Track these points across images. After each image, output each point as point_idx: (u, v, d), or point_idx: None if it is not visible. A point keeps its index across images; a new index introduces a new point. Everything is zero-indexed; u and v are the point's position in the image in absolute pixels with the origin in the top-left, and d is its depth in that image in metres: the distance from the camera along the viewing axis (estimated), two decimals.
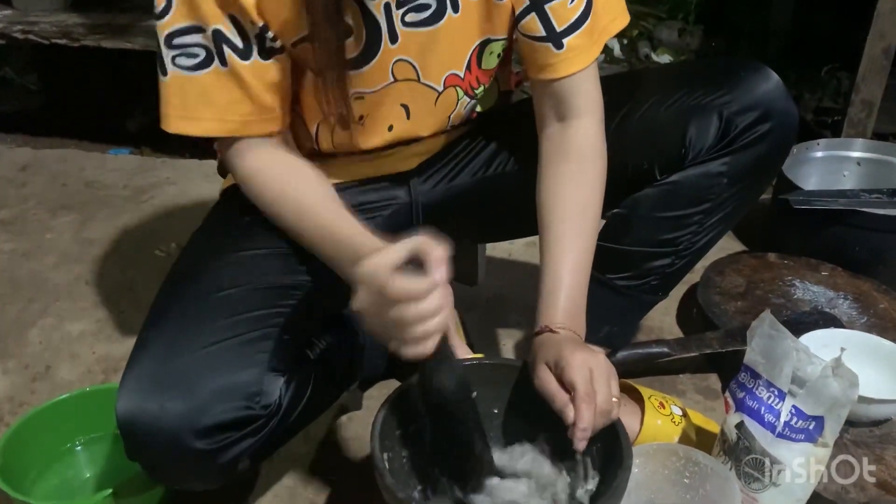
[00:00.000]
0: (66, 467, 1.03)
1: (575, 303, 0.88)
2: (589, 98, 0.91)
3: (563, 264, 0.88)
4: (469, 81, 0.96)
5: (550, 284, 0.88)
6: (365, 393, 1.17)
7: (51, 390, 1.20)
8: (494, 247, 1.53)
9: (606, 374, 0.79)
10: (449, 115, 0.97)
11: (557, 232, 0.90)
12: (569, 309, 0.87)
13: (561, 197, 0.91)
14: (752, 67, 0.95)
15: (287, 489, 1.02)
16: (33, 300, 1.44)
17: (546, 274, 0.89)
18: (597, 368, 0.78)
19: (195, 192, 1.84)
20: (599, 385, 0.77)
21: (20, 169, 1.98)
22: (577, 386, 0.76)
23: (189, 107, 0.84)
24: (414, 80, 0.91)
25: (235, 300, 0.84)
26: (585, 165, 0.91)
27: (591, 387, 0.76)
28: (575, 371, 0.77)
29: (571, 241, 0.89)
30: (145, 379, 0.78)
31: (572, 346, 0.81)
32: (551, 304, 0.87)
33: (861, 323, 1.24)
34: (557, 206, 0.91)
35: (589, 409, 0.76)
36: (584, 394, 0.76)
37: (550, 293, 0.88)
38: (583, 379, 0.76)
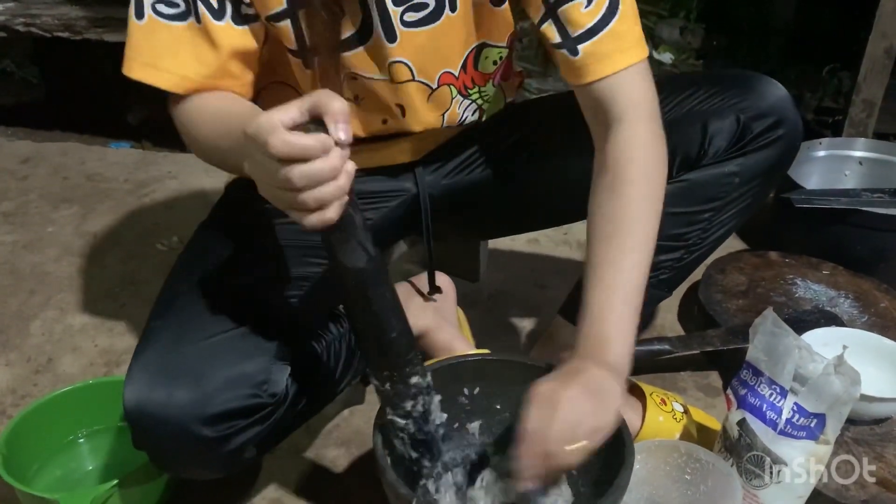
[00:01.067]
0: (69, 459, 1.03)
1: (605, 327, 0.79)
2: (627, 103, 0.86)
3: (592, 287, 0.81)
4: (463, 81, 0.96)
5: (581, 312, 0.81)
6: (367, 388, 1.17)
7: (53, 383, 1.20)
8: (496, 243, 1.53)
9: (568, 416, 0.71)
10: (443, 113, 0.97)
11: (591, 253, 0.83)
12: (594, 335, 0.79)
13: (597, 213, 0.85)
14: (762, 78, 1.00)
15: (290, 482, 1.02)
16: (35, 292, 1.44)
17: (581, 297, 0.82)
18: (562, 406, 0.71)
19: (196, 185, 1.84)
20: (553, 427, 0.71)
21: (21, 161, 1.98)
22: (523, 421, 0.72)
23: (157, 55, 0.82)
24: (409, 79, 0.92)
25: (241, 290, 0.85)
26: (621, 178, 0.84)
27: (537, 424, 0.71)
28: (529, 404, 0.73)
29: (603, 262, 0.82)
30: (153, 368, 0.78)
31: (555, 375, 0.76)
32: (578, 330, 0.80)
33: (862, 322, 1.24)
34: (593, 224, 0.85)
35: (527, 449, 0.72)
36: (525, 431, 0.72)
37: (579, 321, 0.81)
38: (532, 414, 0.72)
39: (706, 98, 0.98)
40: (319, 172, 0.60)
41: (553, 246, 1.59)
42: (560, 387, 0.74)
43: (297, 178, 0.60)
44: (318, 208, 0.62)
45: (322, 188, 0.61)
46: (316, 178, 0.60)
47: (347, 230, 0.67)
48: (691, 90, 0.99)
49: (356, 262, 0.68)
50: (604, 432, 0.74)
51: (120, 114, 2.32)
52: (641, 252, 0.83)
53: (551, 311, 1.17)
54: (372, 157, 1.01)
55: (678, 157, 0.97)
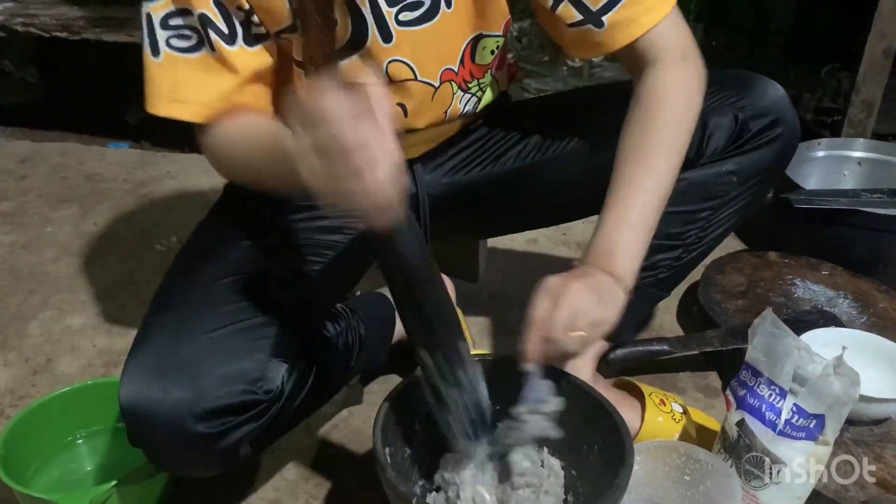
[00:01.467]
0: (67, 460, 1.03)
1: (613, 241, 0.83)
2: (659, 49, 0.88)
3: (606, 207, 0.85)
4: (462, 76, 0.96)
5: (595, 229, 0.85)
6: (366, 387, 1.17)
7: (51, 383, 1.20)
8: (495, 243, 1.53)
9: (571, 305, 0.75)
10: (445, 109, 0.98)
11: (613, 177, 0.86)
12: (602, 247, 0.83)
13: (622, 143, 0.87)
14: (760, 78, 1.00)
15: (288, 483, 1.02)
16: (33, 293, 1.44)
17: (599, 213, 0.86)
18: (565, 295, 0.76)
19: (195, 186, 1.84)
20: (556, 312, 0.75)
21: (20, 161, 1.98)
22: (529, 308, 0.76)
23: (178, 90, 0.83)
24: (411, 79, 0.92)
25: (239, 287, 0.85)
26: (650, 111, 0.87)
27: (540, 311, 0.75)
28: (538, 293, 0.77)
29: (619, 183, 0.85)
30: (148, 365, 0.78)
31: (561, 274, 0.79)
32: (590, 242, 0.84)
33: (861, 322, 1.24)
34: (619, 150, 0.87)
35: (531, 333, 0.76)
36: (530, 316, 0.76)
37: (591, 237, 0.85)
38: (537, 302, 0.76)
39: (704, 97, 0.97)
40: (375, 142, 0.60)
41: (552, 246, 1.59)
42: (566, 280, 0.78)
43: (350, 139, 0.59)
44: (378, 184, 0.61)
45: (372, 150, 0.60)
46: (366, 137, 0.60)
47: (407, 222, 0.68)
48: None
49: (416, 253, 0.70)
50: (603, 326, 0.78)
51: (119, 114, 2.32)
52: (660, 177, 0.85)
53: None
54: None
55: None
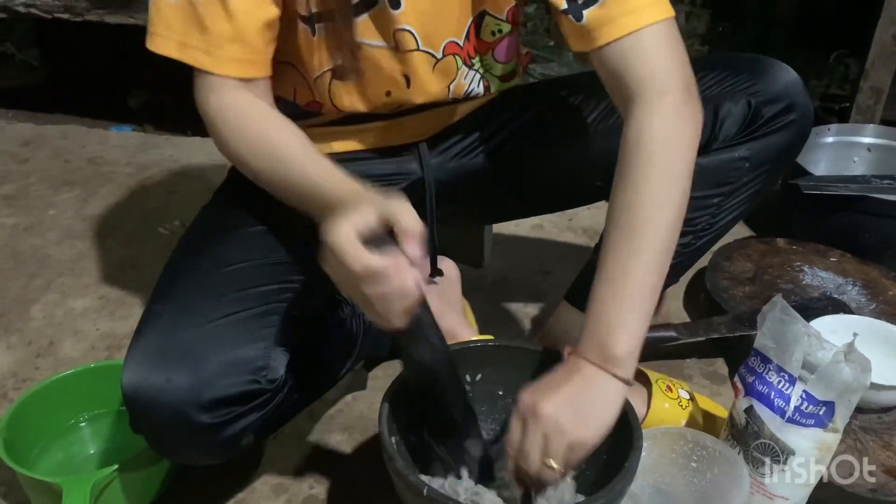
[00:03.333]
0: (70, 443, 1.03)
1: (605, 321, 0.75)
2: (643, 73, 0.79)
3: (598, 280, 0.78)
4: (467, 51, 0.95)
5: (588, 304, 0.78)
6: (370, 373, 1.16)
7: (54, 366, 1.20)
8: (500, 228, 1.52)
9: (539, 431, 0.71)
10: (448, 84, 0.96)
11: (604, 243, 0.79)
12: (594, 333, 0.75)
13: (612, 199, 0.80)
14: (773, 62, 0.98)
15: (292, 467, 1.02)
16: (36, 276, 1.43)
17: (591, 290, 0.79)
18: (533, 421, 0.71)
19: (198, 169, 1.83)
20: (525, 440, 0.72)
21: (22, 144, 1.97)
22: (508, 435, 0.74)
23: (182, 30, 0.81)
24: (414, 49, 0.91)
25: (242, 275, 0.84)
26: (633, 165, 0.78)
27: (515, 437, 0.73)
28: (513, 415, 0.74)
29: (608, 257, 0.78)
30: (151, 352, 0.78)
31: (542, 382, 0.75)
32: (583, 325, 0.77)
33: (870, 309, 1.23)
34: (609, 212, 0.80)
35: (509, 461, 0.75)
36: (507, 444, 0.74)
37: (586, 314, 0.78)
38: (514, 428, 0.74)
39: (717, 82, 0.97)
40: (393, 291, 0.66)
41: (558, 232, 1.58)
42: (541, 398, 0.72)
43: (372, 294, 0.66)
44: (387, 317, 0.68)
45: (392, 304, 0.67)
46: (388, 296, 0.66)
47: (415, 330, 0.72)
48: (702, 73, 0.97)
49: (424, 357, 0.75)
50: (582, 449, 0.72)
51: (121, 97, 2.31)
52: (654, 250, 0.77)
53: (556, 298, 1.16)
54: (377, 137, 1.00)
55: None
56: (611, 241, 0.78)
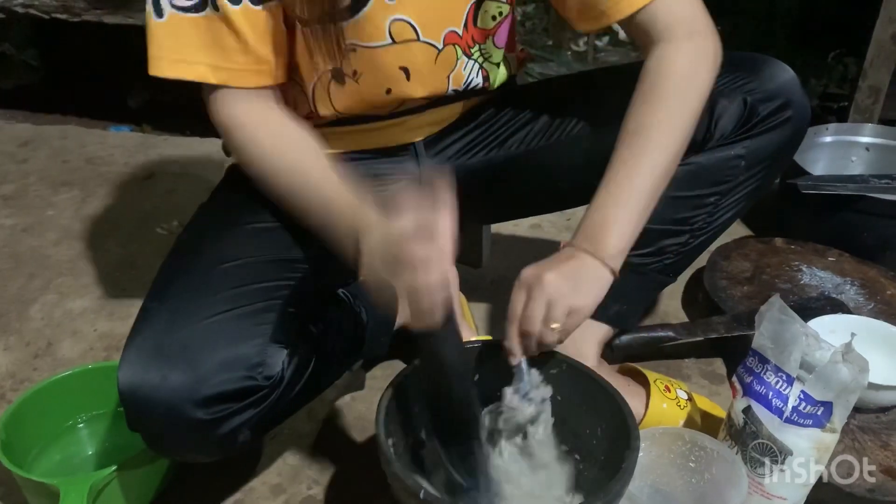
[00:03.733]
0: (68, 444, 1.03)
1: (601, 218, 0.83)
2: (666, 23, 0.87)
3: (601, 184, 0.85)
4: (466, 40, 0.95)
5: (588, 205, 0.85)
6: (368, 373, 1.16)
7: (52, 367, 1.20)
8: (498, 228, 1.52)
9: (543, 296, 0.78)
10: (448, 75, 0.96)
11: (612, 156, 0.85)
12: (589, 225, 0.83)
13: (625, 121, 0.86)
14: (770, 60, 0.99)
15: (290, 467, 1.02)
16: (34, 276, 1.43)
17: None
18: (537, 288, 0.78)
19: (197, 170, 1.83)
20: (529, 306, 0.78)
21: (21, 144, 1.97)
22: (509, 305, 0.79)
23: (184, 50, 0.82)
24: (413, 39, 0.91)
25: (239, 272, 0.84)
26: (650, 89, 0.86)
27: (515, 307, 0.79)
28: (515, 287, 0.80)
29: (615, 164, 0.85)
30: (148, 349, 0.78)
31: (540, 263, 0.81)
32: (579, 224, 0.85)
33: (868, 309, 1.23)
34: (620, 131, 0.86)
35: (509, 328, 0.79)
36: (509, 312, 0.79)
37: (585, 213, 0.85)
38: (513, 297, 0.79)
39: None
40: (438, 281, 0.68)
41: (556, 232, 1.57)
42: (541, 270, 0.79)
43: (421, 285, 0.67)
44: (430, 311, 0.69)
45: (437, 294, 0.68)
46: (434, 285, 0.68)
47: (447, 326, 0.73)
48: None
49: (450, 356, 0.76)
50: (581, 314, 0.80)
51: (120, 97, 2.31)
52: (659, 156, 0.84)
53: None
54: (375, 138, 1.00)
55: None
56: (620, 151, 0.85)
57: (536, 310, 0.78)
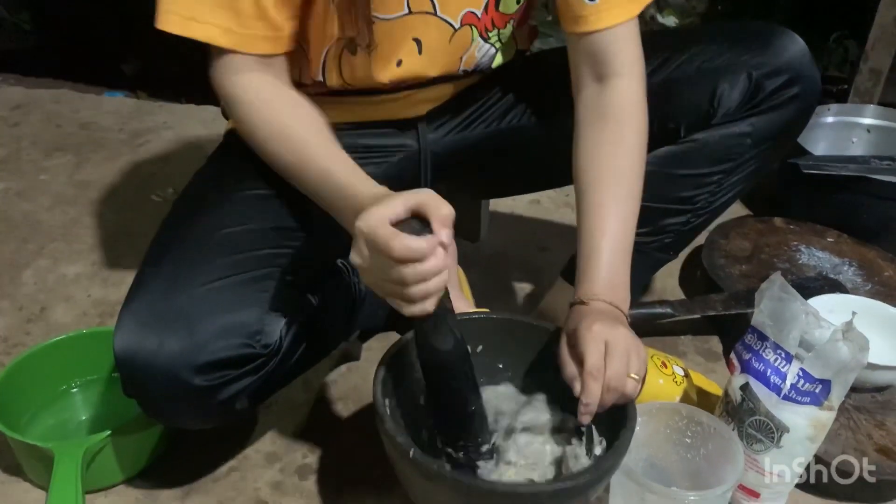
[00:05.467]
0: (62, 409, 1.02)
1: (614, 272, 0.83)
2: (628, 57, 0.88)
3: (602, 233, 0.84)
4: (485, 23, 0.93)
5: (588, 255, 0.84)
6: (364, 344, 1.16)
7: (46, 332, 1.19)
8: (497, 203, 1.51)
9: (623, 350, 0.75)
10: (461, 56, 0.95)
11: (594, 199, 0.85)
12: (606, 279, 0.83)
13: (598, 162, 0.86)
14: (779, 32, 0.96)
15: (285, 436, 1.01)
16: (27, 241, 1.42)
17: (584, 243, 0.85)
18: (613, 342, 0.75)
19: (192, 137, 1.81)
20: (612, 360, 0.74)
21: (13, 108, 1.94)
22: (586, 359, 0.74)
23: (197, 8, 0.80)
24: (430, 12, 0.89)
25: (238, 239, 0.83)
26: (624, 129, 0.87)
27: (601, 361, 0.74)
28: (588, 343, 0.75)
29: (609, 208, 0.85)
30: (144, 315, 0.77)
31: (595, 317, 0.78)
32: (588, 277, 0.83)
33: (865, 290, 1.23)
34: (593, 172, 0.86)
35: (595, 385, 0.74)
36: (592, 368, 0.74)
37: (587, 264, 0.84)
38: (594, 352, 0.75)
39: (717, 54, 0.95)
40: (427, 272, 0.66)
41: (555, 208, 1.57)
42: (610, 324, 0.77)
43: (410, 277, 0.65)
44: (420, 301, 0.68)
45: (427, 284, 0.66)
46: (426, 276, 0.66)
47: (440, 317, 0.71)
48: (702, 45, 0.96)
49: (445, 346, 0.74)
50: (646, 363, 0.79)
51: (115, 63, 2.28)
52: (635, 201, 0.87)
53: (552, 274, 1.16)
54: (377, 110, 0.99)
55: (685, 117, 0.96)
56: (608, 200, 0.85)
57: (621, 363, 0.75)
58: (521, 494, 0.73)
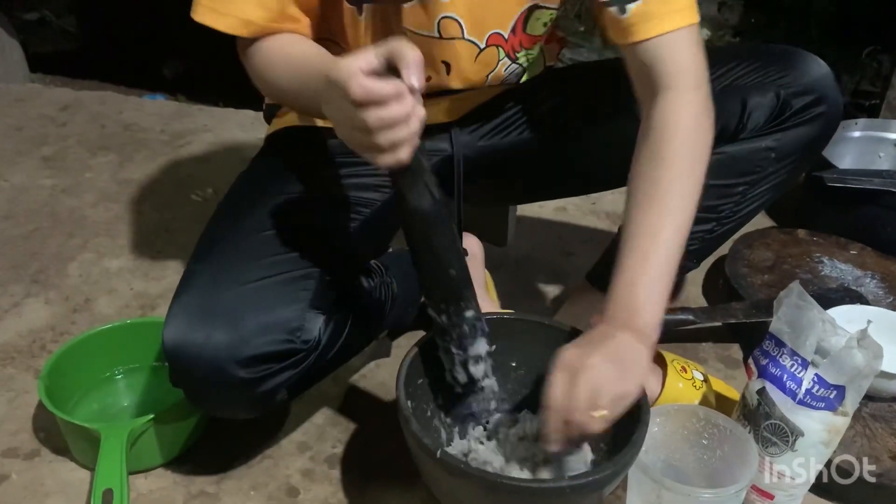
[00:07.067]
0: (106, 394, 1.07)
1: (631, 294, 0.80)
2: (674, 68, 0.85)
3: (629, 249, 0.82)
4: (512, 44, 0.97)
5: (614, 272, 0.82)
6: (394, 341, 1.20)
7: (90, 322, 1.24)
8: (524, 209, 1.54)
9: (591, 384, 0.73)
10: (488, 74, 0.98)
11: (629, 217, 0.84)
12: (621, 301, 0.80)
13: (637, 179, 0.85)
14: (805, 55, 0.99)
15: (316, 427, 1.05)
16: (73, 235, 1.48)
17: (616, 261, 0.83)
18: (583, 373, 0.73)
19: (230, 140, 1.87)
20: (574, 394, 0.73)
21: (61, 108, 2.01)
22: (549, 390, 0.75)
23: (219, 0, 0.84)
24: (458, 37, 0.93)
25: (280, 239, 0.87)
26: (663, 144, 0.84)
27: (558, 393, 0.74)
28: (554, 371, 0.75)
29: (634, 231, 0.83)
30: (192, 310, 0.81)
31: (583, 340, 0.79)
32: (610, 295, 0.82)
33: (887, 302, 1.24)
34: (633, 189, 0.85)
35: (553, 416, 0.75)
36: (549, 399, 0.75)
37: (612, 284, 0.82)
38: (554, 383, 0.75)
39: (747, 72, 0.98)
40: (394, 116, 0.64)
41: (581, 215, 1.60)
42: (584, 354, 0.76)
43: (372, 121, 0.64)
44: (391, 149, 0.66)
45: (395, 131, 0.65)
46: (390, 121, 0.64)
47: (416, 173, 0.71)
48: (733, 63, 0.99)
49: (423, 203, 0.73)
50: (626, 400, 0.76)
51: (156, 66, 2.35)
52: (678, 221, 0.83)
53: (577, 278, 1.18)
54: None
55: (717, 129, 0.98)
56: (638, 215, 0.83)
57: (582, 397, 0.73)
58: (544, 490, 0.75)
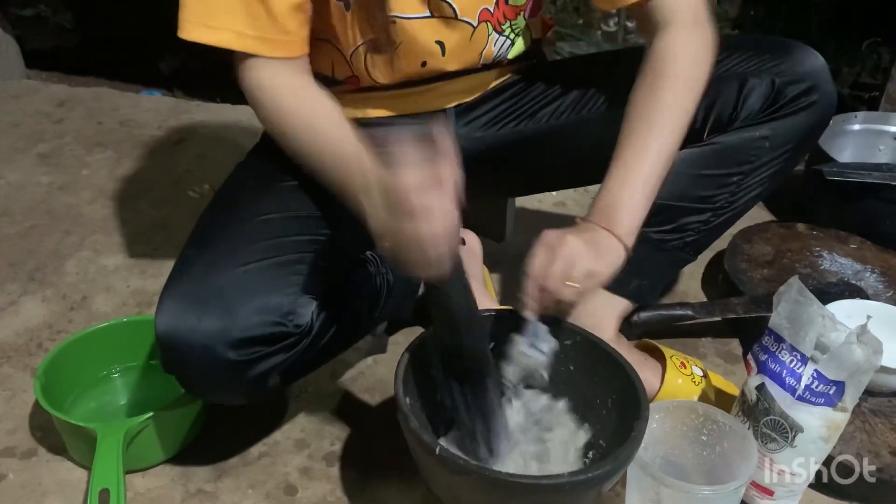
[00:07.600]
0: (103, 393, 1.07)
1: (612, 199, 0.86)
2: (672, 9, 0.90)
3: (612, 165, 0.88)
4: (497, 17, 0.97)
5: (601, 185, 0.88)
6: (391, 337, 1.19)
7: (87, 320, 1.24)
8: (522, 204, 1.54)
9: (566, 256, 0.79)
10: (480, 51, 0.99)
11: (619, 137, 0.88)
12: (602, 204, 0.86)
13: (630, 103, 0.89)
14: (800, 46, 1.00)
15: (314, 424, 1.05)
16: (70, 233, 1.47)
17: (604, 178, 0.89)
18: (560, 248, 0.80)
19: (227, 136, 1.86)
20: (552, 264, 0.79)
21: (57, 105, 2.01)
22: (530, 260, 0.80)
23: (210, 14, 0.84)
24: (451, 17, 0.93)
25: (274, 225, 0.88)
26: (656, 73, 0.89)
27: (538, 261, 0.80)
28: (536, 245, 0.81)
29: (624, 145, 0.88)
30: (184, 295, 0.81)
31: (566, 228, 0.83)
32: (593, 201, 0.88)
33: (887, 297, 1.24)
34: (626, 113, 0.89)
35: (531, 284, 0.80)
36: (529, 267, 0.80)
37: (597, 193, 0.88)
38: (536, 253, 0.80)
39: (742, 60, 0.98)
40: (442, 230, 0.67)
41: (580, 209, 1.59)
42: (564, 233, 0.82)
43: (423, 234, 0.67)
44: (437, 262, 0.69)
45: (442, 243, 0.68)
46: (439, 234, 0.67)
47: (456, 276, 0.75)
48: (728, 52, 0.99)
49: (460, 307, 0.77)
50: (598, 278, 0.82)
51: (152, 62, 2.34)
52: (665, 138, 0.87)
53: None
54: (409, 103, 1.03)
55: (712, 116, 0.98)
56: (630, 131, 0.88)
57: (557, 267, 0.79)
58: (542, 486, 0.75)
